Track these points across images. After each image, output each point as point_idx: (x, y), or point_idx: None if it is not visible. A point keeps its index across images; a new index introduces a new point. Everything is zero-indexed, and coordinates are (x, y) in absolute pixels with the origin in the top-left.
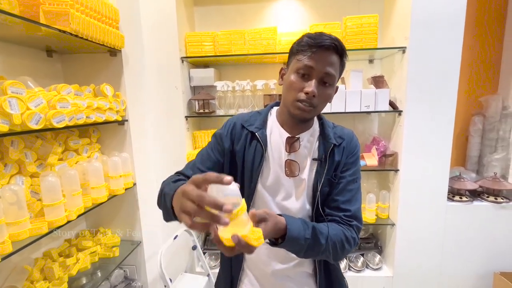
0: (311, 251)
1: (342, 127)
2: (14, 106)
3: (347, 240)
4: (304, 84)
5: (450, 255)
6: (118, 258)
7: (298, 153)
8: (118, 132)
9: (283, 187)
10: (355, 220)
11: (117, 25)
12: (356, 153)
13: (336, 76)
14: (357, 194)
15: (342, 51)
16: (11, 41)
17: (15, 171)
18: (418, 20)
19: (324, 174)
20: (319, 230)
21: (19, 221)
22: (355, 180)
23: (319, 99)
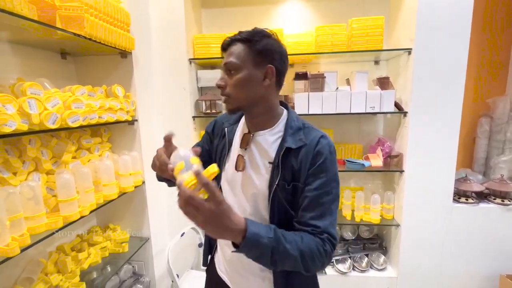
0: (277, 255)
1: (313, 128)
2: (33, 106)
3: (318, 250)
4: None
5: (455, 256)
6: (127, 253)
7: (249, 149)
8: (128, 132)
9: (234, 181)
10: (327, 234)
11: (128, 28)
12: (323, 161)
13: (237, 62)
14: (331, 206)
15: (244, 38)
16: (28, 44)
17: (32, 168)
18: (424, 21)
19: (277, 179)
20: (283, 233)
21: (36, 216)
22: (327, 193)
23: (229, 87)
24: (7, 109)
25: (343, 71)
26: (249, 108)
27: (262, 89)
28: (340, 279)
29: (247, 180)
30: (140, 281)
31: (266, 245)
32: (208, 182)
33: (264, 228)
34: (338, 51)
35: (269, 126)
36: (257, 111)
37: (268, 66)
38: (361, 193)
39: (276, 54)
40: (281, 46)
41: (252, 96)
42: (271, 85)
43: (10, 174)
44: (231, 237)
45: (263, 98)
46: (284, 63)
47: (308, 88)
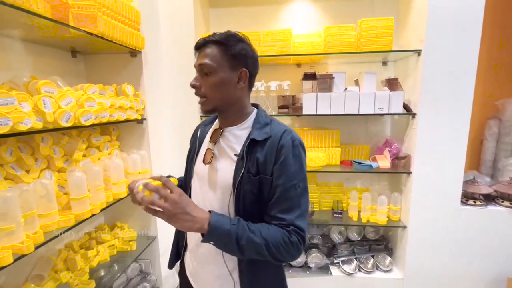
0: (242, 242)
1: (279, 123)
2: (47, 104)
3: (284, 241)
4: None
5: (462, 259)
6: (135, 252)
7: (219, 143)
8: (136, 130)
9: (203, 175)
10: (293, 226)
11: (138, 26)
12: (286, 155)
13: (213, 64)
14: (299, 199)
15: (219, 41)
16: (40, 43)
17: (44, 166)
18: (434, 22)
19: (242, 171)
20: (247, 224)
21: (49, 213)
22: (294, 186)
23: (205, 88)
24: (23, 107)
25: (350, 72)
26: (224, 108)
27: (237, 91)
28: (346, 280)
29: (213, 173)
30: (147, 279)
31: (230, 232)
32: (157, 187)
33: (228, 218)
34: (347, 52)
35: (239, 122)
36: (231, 111)
37: (242, 70)
38: (367, 194)
39: (249, 58)
40: (253, 51)
41: (227, 98)
42: (244, 87)
43: (23, 172)
44: (197, 228)
45: (237, 99)
46: (255, 67)
47: (317, 89)
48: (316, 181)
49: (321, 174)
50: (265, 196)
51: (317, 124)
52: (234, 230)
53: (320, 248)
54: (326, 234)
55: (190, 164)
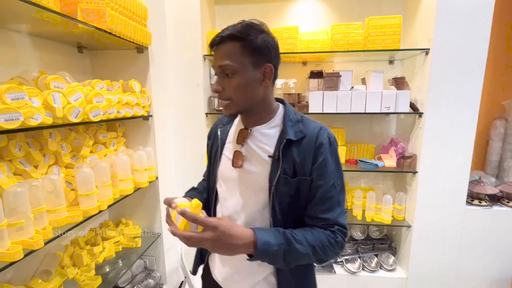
0: (289, 256)
1: (312, 121)
2: (57, 100)
3: (330, 243)
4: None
5: (467, 259)
6: (140, 248)
7: (247, 144)
8: (142, 127)
9: (232, 179)
10: (337, 225)
11: (145, 22)
12: (325, 153)
13: (235, 65)
14: (338, 198)
15: (239, 35)
16: (47, 37)
17: (52, 162)
18: (443, 21)
19: (278, 172)
20: (292, 234)
21: (58, 209)
22: (334, 186)
23: (229, 91)
24: (33, 102)
25: (357, 70)
26: (251, 109)
27: (262, 89)
28: (349, 279)
29: (245, 176)
30: (151, 276)
31: (278, 252)
32: (195, 217)
33: (273, 234)
34: (354, 50)
35: (267, 121)
36: (256, 110)
37: (266, 65)
38: (372, 193)
39: (272, 50)
40: (274, 40)
41: (253, 98)
42: (269, 83)
43: (31, 167)
44: (243, 251)
45: (263, 97)
46: (278, 58)
47: (323, 87)
48: None
49: None
50: (303, 197)
51: (323, 123)
52: (282, 249)
53: None
54: None
55: (214, 167)
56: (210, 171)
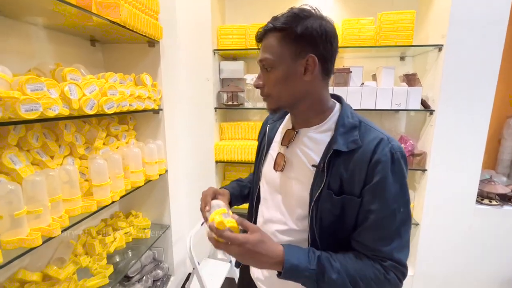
0: (323, 284)
1: (373, 128)
2: (73, 92)
3: (377, 279)
4: None
5: (475, 258)
6: (149, 240)
7: (292, 148)
8: (152, 120)
9: (273, 181)
10: (392, 261)
11: (157, 16)
12: (383, 173)
13: (272, 58)
14: (400, 228)
15: (277, 28)
16: (62, 31)
17: (67, 153)
18: (458, 17)
19: (321, 186)
20: (330, 260)
21: (73, 199)
22: (393, 213)
23: (268, 86)
24: (51, 93)
25: (367, 66)
26: (294, 105)
27: (305, 84)
28: None
29: (287, 183)
30: (160, 267)
31: (308, 277)
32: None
33: (305, 257)
34: (366, 46)
35: (317, 123)
36: (302, 108)
37: (308, 56)
38: None
39: (318, 38)
40: (324, 25)
41: (294, 94)
42: (315, 77)
43: (48, 157)
44: (271, 268)
45: (307, 92)
46: (330, 45)
47: (333, 83)
48: None
49: None
50: (349, 219)
51: None
52: (313, 276)
53: None
54: None
55: (258, 165)
56: (255, 167)
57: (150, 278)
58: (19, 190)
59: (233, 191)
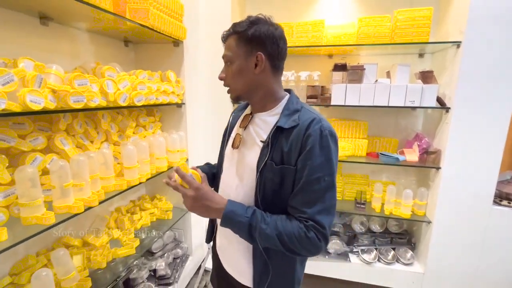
0: (255, 232)
1: (310, 110)
2: (109, 86)
3: (299, 235)
4: None
5: (489, 259)
6: (171, 221)
7: (248, 129)
8: (176, 113)
9: (232, 158)
10: (313, 221)
11: (182, 18)
12: (312, 145)
13: (230, 54)
14: (323, 194)
15: (234, 31)
16: (100, 33)
17: (104, 139)
18: (477, 13)
19: (266, 158)
20: (263, 215)
21: (108, 177)
22: (318, 179)
23: (227, 78)
24: (92, 87)
25: (385, 64)
26: (248, 94)
27: (256, 77)
28: (364, 268)
29: (240, 158)
30: (180, 246)
31: (242, 223)
32: (184, 174)
33: (243, 209)
34: (380, 43)
35: (269, 109)
36: (256, 97)
37: (257, 54)
38: (392, 187)
39: (266, 39)
40: (271, 30)
41: (247, 84)
42: (264, 70)
43: (88, 142)
44: (215, 215)
45: (259, 84)
46: (277, 46)
47: (346, 80)
48: (341, 171)
49: (346, 165)
50: (287, 187)
51: (346, 115)
52: (247, 223)
53: (340, 236)
54: (348, 223)
55: (222, 148)
56: (220, 152)
57: (171, 256)
58: (67, 167)
59: (202, 169)
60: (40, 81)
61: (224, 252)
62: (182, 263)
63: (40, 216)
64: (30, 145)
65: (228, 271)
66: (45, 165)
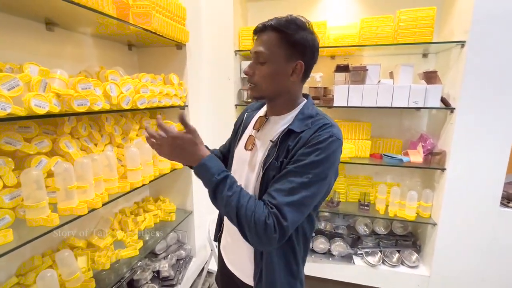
0: (218, 194)
1: (325, 118)
2: (113, 90)
3: (258, 217)
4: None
5: (496, 262)
6: (174, 222)
7: (262, 131)
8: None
9: (242, 159)
10: (277, 210)
11: (184, 22)
12: (315, 145)
13: (268, 53)
14: (300, 190)
15: (279, 28)
16: (104, 38)
17: (107, 141)
18: (482, 12)
19: (272, 158)
20: (232, 182)
21: (111, 179)
22: (303, 174)
23: (258, 77)
24: (96, 91)
25: (388, 64)
26: (273, 98)
27: (289, 83)
28: (368, 271)
29: (253, 159)
30: (183, 248)
31: (210, 180)
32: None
33: (218, 169)
34: (383, 44)
35: (285, 113)
36: (279, 101)
37: (298, 62)
38: (396, 189)
39: (308, 48)
40: (314, 40)
41: (278, 89)
42: (297, 79)
43: (92, 145)
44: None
45: (288, 90)
46: (314, 58)
47: (349, 81)
48: (344, 173)
49: (350, 166)
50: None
51: (348, 116)
52: (214, 181)
53: (344, 238)
54: (352, 225)
55: (233, 146)
56: (230, 150)
57: (174, 257)
58: (71, 169)
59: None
60: (45, 85)
61: (228, 251)
62: (185, 265)
63: (45, 218)
64: (36, 148)
65: (231, 270)
66: (50, 168)
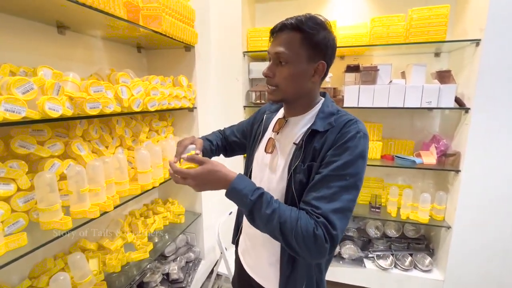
0: (256, 214)
1: (347, 114)
2: (124, 92)
3: (306, 230)
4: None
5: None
6: (183, 225)
7: (281, 133)
8: (187, 117)
9: (263, 163)
10: (325, 219)
11: (193, 24)
12: (345, 144)
13: (290, 54)
14: (342, 193)
15: (300, 27)
16: (114, 40)
17: (118, 144)
18: (498, 9)
19: (298, 160)
20: (268, 198)
21: (122, 182)
22: (340, 177)
23: (279, 78)
24: (107, 94)
25: (399, 64)
26: (294, 100)
27: (310, 84)
28: (380, 275)
29: (274, 162)
30: (192, 250)
31: (244, 203)
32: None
33: (250, 189)
34: (394, 43)
35: (304, 112)
36: (299, 102)
37: (320, 62)
38: (409, 191)
39: (329, 48)
40: (334, 39)
41: (299, 91)
42: (318, 80)
43: (103, 147)
44: (221, 188)
45: (309, 91)
46: (333, 57)
47: (359, 81)
48: None
49: None
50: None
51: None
52: (249, 203)
53: (355, 240)
54: (362, 228)
55: (252, 149)
56: (248, 152)
57: (183, 259)
58: (83, 172)
59: (204, 145)
60: (58, 89)
61: (247, 255)
62: (194, 267)
63: (58, 221)
64: (49, 151)
65: (250, 275)
66: (62, 171)
